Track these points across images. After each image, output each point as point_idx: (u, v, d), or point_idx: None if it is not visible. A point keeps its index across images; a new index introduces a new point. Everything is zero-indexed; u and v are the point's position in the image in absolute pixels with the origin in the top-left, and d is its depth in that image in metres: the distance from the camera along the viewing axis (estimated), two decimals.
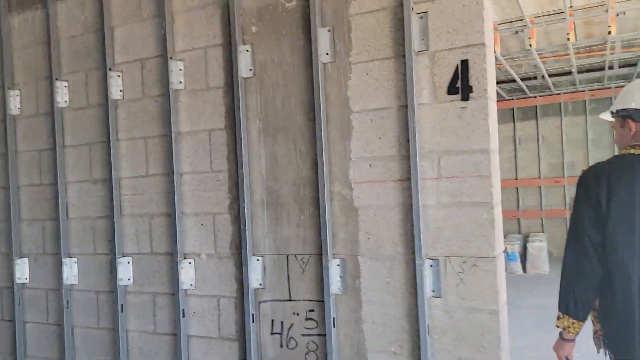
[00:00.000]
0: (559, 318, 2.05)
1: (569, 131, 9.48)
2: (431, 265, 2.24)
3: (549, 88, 9.01)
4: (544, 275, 8.05)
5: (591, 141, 9.28)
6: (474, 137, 2.17)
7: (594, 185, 2.00)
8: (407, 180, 2.27)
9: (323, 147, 2.41)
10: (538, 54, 6.74)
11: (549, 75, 8.23)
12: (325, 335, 2.42)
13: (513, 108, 9.87)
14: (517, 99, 9.76)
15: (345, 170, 2.41)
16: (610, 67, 8.04)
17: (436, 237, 2.24)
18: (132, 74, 2.95)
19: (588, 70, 8.37)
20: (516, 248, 8.28)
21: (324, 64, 2.44)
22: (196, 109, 2.76)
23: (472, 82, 2.17)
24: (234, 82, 2.61)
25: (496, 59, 6.57)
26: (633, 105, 2.09)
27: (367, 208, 2.37)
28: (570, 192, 9.42)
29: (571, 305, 2.01)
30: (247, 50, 2.61)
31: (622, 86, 9.10)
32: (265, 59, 2.59)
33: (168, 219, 2.82)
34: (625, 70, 8.21)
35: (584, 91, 9.29)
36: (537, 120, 9.70)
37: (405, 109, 2.27)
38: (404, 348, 2.30)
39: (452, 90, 2.21)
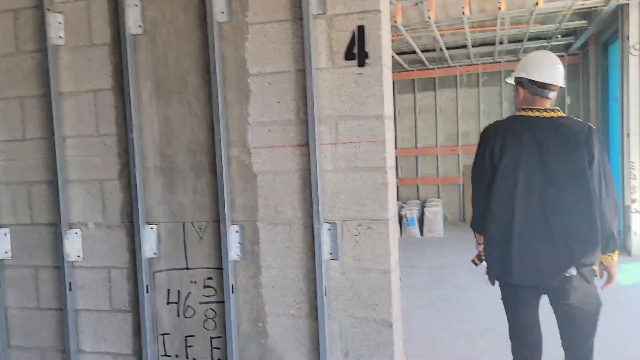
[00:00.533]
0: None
1: (464, 102, 10.06)
2: (329, 229, 2.28)
3: (447, 60, 9.45)
4: (438, 238, 8.59)
5: (483, 112, 9.93)
6: (369, 103, 2.21)
7: (491, 139, 2.45)
8: (306, 146, 2.27)
9: (220, 111, 2.32)
10: (436, 26, 7.01)
11: (447, 48, 8.62)
12: (224, 302, 2.39)
13: (414, 79, 10.25)
14: (417, 70, 10.14)
15: (244, 135, 2.36)
16: (501, 42, 8.57)
17: (334, 201, 2.28)
18: (3, 26, 2.63)
19: (481, 45, 8.87)
20: (415, 213, 8.74)
21: (220, 23, 2.33)
22: (80, 67, 2.53)
23: (368, 48, 2.19)
24: (121, 39, 2.42)
25: (397, 30, 6.74)
26: (523, 75, 2.48)
27: (266, 173, 2.35)
28: (464, 160, 10.07)
29: (473, 222, 2.68)
30: (136, 5, 2.42)
31: (512, 61, 9.78)
32: (156, 15, 2.42)
33: (50, 187, 2.60)
34: (513, 46, 8.79)
35: (477, 64, 9.86)
36: (435, 91, 10.17)
37: (303, 73, 2.24)
38: (302, 310, 2.34)
39: (349, 55, 2.22)
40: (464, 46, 8.54)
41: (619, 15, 6.74)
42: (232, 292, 2.38)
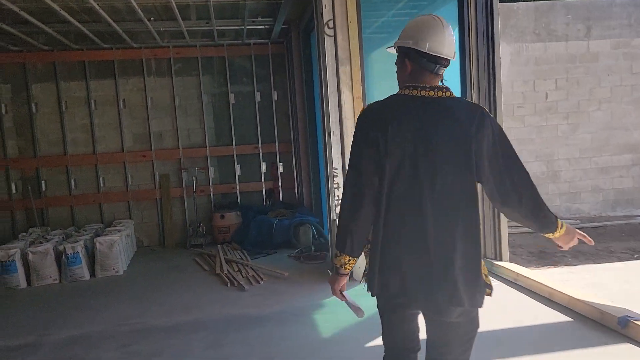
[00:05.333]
0: (336, 256, 2.07)
1: (155, 95, 7.94)
2: None
3: (125, 40, 7.17)
4: (116, 279, 6.24)
5: (179, 107, 7.99)
6: None
7: (371, 125, 1.99)
8: None
9: None
10: None
11: (115, 21, 6.34)
12: None
13: (85, 61, 7.65)
14: (87, 49, 7.57)
15: None
16: (187, 19, 6.71)
17: None
18: None
19: (166, 20, 6.87)
20: (80, 246, 6.18)
21: None
22: None
23: None
24: None
25: None
26: (410, 44, 2.01)
27: None
28: (160, 168, 7.96)
29: (348, 244, 2.03)
30: None
31: (210, 46, 8.07)
32: None
33: None
34: (204, 25, 7.05)
35: (168, 47, 7.84)
36: (116, 78, 7.77)
37: None
38: None
39: None
40: (139, 20, 6.37)
41: None
42: None
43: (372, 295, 2.09)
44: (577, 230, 2.10)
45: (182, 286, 5.69)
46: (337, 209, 5.30)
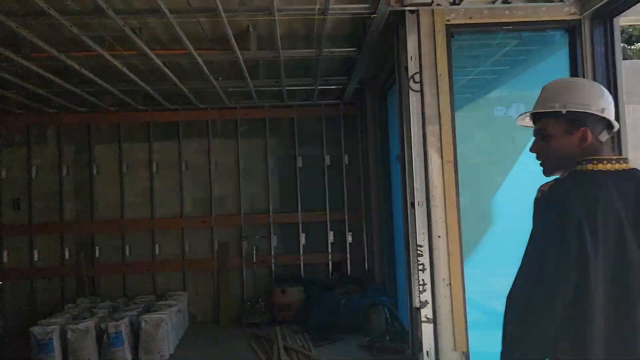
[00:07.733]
0: None
1: (219, 157, 7.47)
2: None
3: (191, 101, 6.82)
4: None
5: (243, 170, 7.45)
6: None
7: (579, 216, 1.52)
8: None
9: None
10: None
11: (181, 80, 5.98)
12: None
13: (149, 122, 7.35)
14: (153, 110, 7.28)
15: None
16: (256, 78, 6.25)
17: None
18: None
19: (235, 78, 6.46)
20: (124, 325, 5.50)
21: None
22: None
23: None
24: None
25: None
26: (592, 110, 1.67)
27: None
28: (219, 235, 7.33)
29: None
30: None
31: (278, 106, 7.59)
32: None
33: None
34: (273, 84, 6.56)
35: (235, 109, 7.43)
36: (179, 140, 7.39)
37: None
38: None
39: None
40: (207, 79, 5.96)
41: (394, 43, 4.88)
42: None
43: None
44: None
45: None
46: (423, 296, 4.32)
